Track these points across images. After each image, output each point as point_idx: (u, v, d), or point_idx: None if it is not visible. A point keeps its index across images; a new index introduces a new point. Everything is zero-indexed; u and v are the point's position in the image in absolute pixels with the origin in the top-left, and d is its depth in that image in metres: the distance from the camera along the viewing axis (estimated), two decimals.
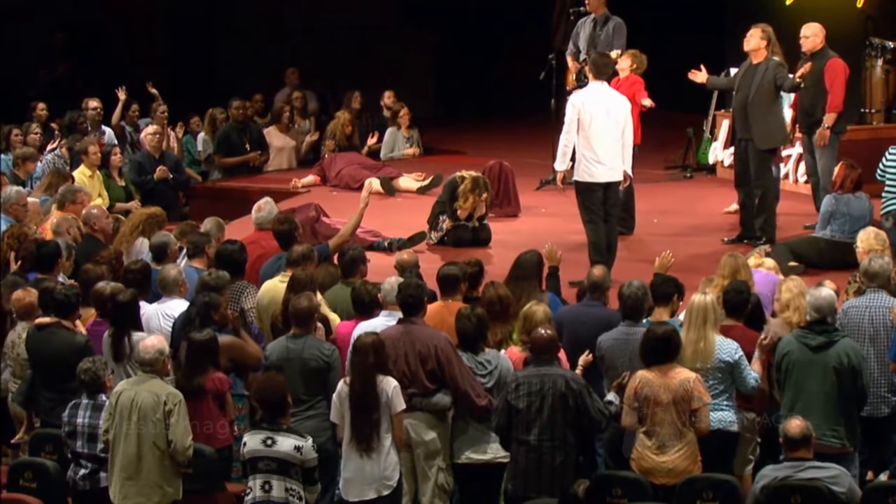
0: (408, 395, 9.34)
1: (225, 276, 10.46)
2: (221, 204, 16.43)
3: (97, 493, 9.31)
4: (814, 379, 9.39)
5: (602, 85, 12.57)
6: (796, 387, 9.43)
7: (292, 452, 8.87)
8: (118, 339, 9.95)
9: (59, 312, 10.13)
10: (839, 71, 13.70)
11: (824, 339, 9.43)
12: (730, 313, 9.84)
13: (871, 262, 10.23)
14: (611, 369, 9.61)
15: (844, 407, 9.43)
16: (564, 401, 9.04)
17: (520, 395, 9.11)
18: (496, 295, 10.04)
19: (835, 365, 9.38)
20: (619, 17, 15.02)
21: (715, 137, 17.00)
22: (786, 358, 9.48)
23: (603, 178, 12.45)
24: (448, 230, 14.20)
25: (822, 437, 9.27)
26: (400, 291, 9.71)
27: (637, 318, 9.71)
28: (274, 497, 8.89)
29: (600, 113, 12.39)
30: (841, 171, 12.80)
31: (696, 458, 9.19)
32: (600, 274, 10.44)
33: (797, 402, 9.41)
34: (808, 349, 9.43)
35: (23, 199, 12.84)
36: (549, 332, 9.27)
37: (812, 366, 9.40)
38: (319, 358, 9.53)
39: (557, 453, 9.06)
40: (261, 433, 8.94)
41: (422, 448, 9.49)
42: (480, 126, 20.89)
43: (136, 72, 18.55)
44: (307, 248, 10.90)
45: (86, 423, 9.30)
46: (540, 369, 9.17)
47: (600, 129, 12.37)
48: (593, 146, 12.38)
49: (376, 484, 9.13)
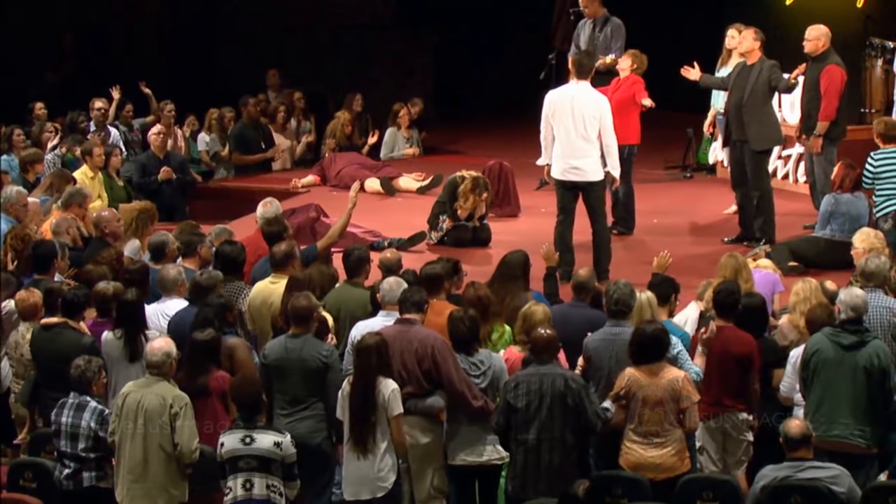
0: (404, 395, 9.34)
1: (217, 276, 10.47)
2: (222, 204, 16.46)
3: (81, 494, 9.30)
4: (844, 378, 9.34)
5: (579, 84, 12.59)
6: (824, 386, 9.37)
7: (272, 448, 8.87)
8: (133, 339, 9.94)
9: (66, 312, 10.14)
10: (835, 78, 13.61)
11: (857, 338, 9.39)
12: (721, 313, 9.82)
13: (868, 262, 10.24)
14: (597, 370, 9.61)
15: (872, 408, 9.39)
16: (563, 400, 9.04)
17: (519, 394, 9.11)
18: (475, 296, 10.03)
19: (865, 365, 9.34)
20: (619, 18, 15.02)
21: (715, 137, 17.00)
22: (815, 356, 9.40)
23: (570, 177, 12.54)
24: (448, 230, 14.21)
25: (850, 436, 9.28)
26: (401, 292, 9.73)
27: (622, 317, 9.70)
28: (255, 495, 8.88)
29: (566, 111, 12.46)
30: (840, 171, 12.81)
31: (685, 454, 9.21)
32: (586, 274, 10.46)
33: (825, 401, 9.36)
34: (841, 348, 9.37)
35: (23, 199, 12.83)
36: (548, 331, 9.27)
37: (843, 365, 9.35)
38: (318, 358, 9.50)
39: (556, 453, 9.06)
40: (238, 432, 8.93)
41: (417, 450, 9.48)
42: (480, 126, 20.88)
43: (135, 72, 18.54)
44: (289, 247, 10.83)
45: (68, 422, 9.29)
46: (540, 369, 9.17)
47: (565, 128, 12.47)
48: (562, 145, 12.50)
49: (371, 485, 9.13)
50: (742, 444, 9.70)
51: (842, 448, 9.12)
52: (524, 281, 10.70)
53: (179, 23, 22.06)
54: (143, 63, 20.20)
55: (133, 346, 9.91)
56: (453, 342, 9.56)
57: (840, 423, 9.20)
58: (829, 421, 9.33)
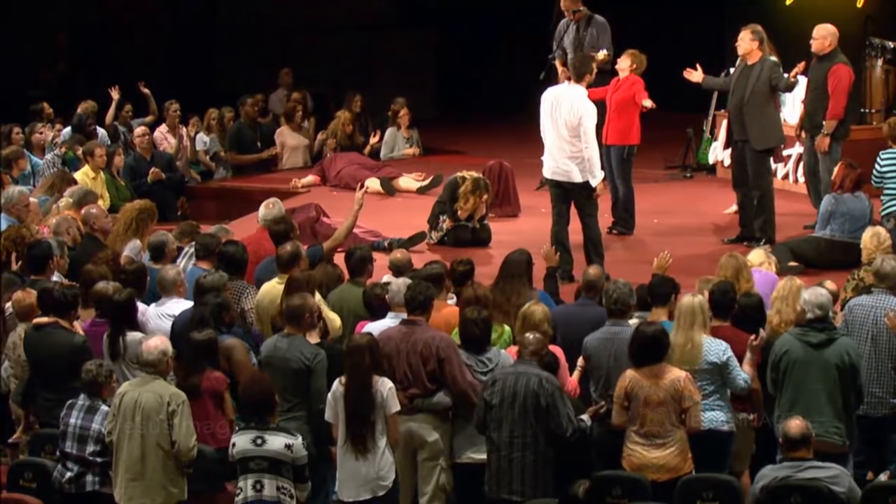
0: (409, 395, 9.35)
1: (223, 277, 10.46)
2: (222, 203, 16.47)
3: (83, 497, 9.29)
4: (815, 377, 9.35)
5: (570, 87, 12.66)
6: (796, 385, 9.39)
7: (283, 450, 8.86)
8: (114, 338, 9.96)
9: (56, 312, 10.12)
10: (843, 77, 13.63)
11: (825, 336, 9.40)
12: (717, 314, 9.82)
13: (884, 263, 10.17)
14: (595, 369, 9.61)
15: (845, 405, 9.40)
16: (536, 399, 9.01)
17: (495, 391, 9.11)
18: (474, 295, 10.02)
19: (836, 363, 9.35)
20: (602, 17, 15.02)
21: (715, 137, 17.00)
22: (785, 356, 9.42)
23: (555, 176, 12.70)
24: (448, 230, 14.22)
25: (825, 434, 9.26)
26: (407, 291, 9.72)
27: (621, 316, 9.69)
28: (266, 496, 8.88)
29: (548, 111, 12.56)
30: (840, 171, 12.81)
31: (687, 455, 9.18)
32: (596, 274, 10.46)
33: (798, 401, 9.36)
34: (810, 347, 9.38)
35: (25, 199, 12.82)
36: (537, 336, 9.26)
37: (813, 364, 9.36)
38: (301, 360, 9.43)
39: (528, 452, 9.02)
40: (250, 433, 8.93)
41: (426, 449, 9.48)
42: (480, 126, 20.87)
43: (135, 72, 18.55)
44: (295, 248, 10.79)
45: (78, 423, 9.28)
46: (518, 367, 9.19)
47: (546, 127, 12.62)
48: (546, 143, 12.65)
49: (371, 484, 9.11)
50: (745, 445, 9.69)
51: (819, 447, 9.04)
52: (528, 279, 10.69)
53: (179, 23, 22.06)
54: (143, 63, 20.20)
55: (113, 345, 9.92)
56: (465, 342, 9.56)
57: (815, 421, 9.12)
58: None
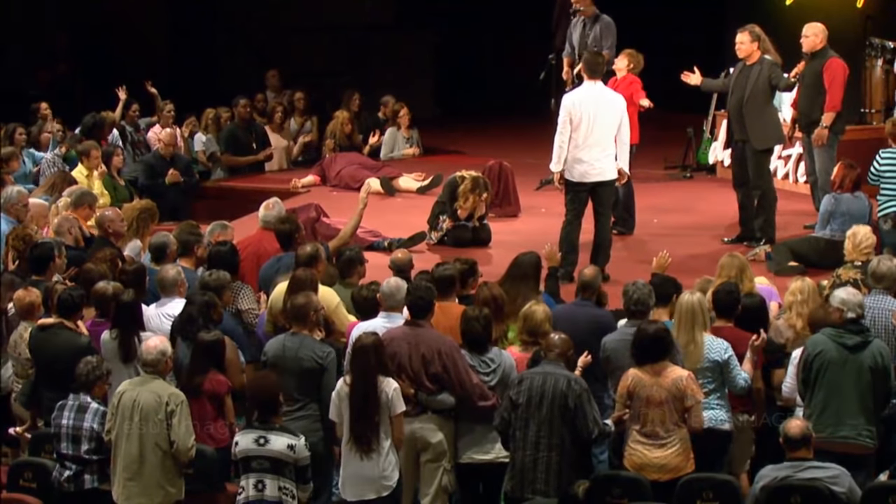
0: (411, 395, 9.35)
1: (226, 277, 10.46)
2: (221, 204, 16.45)
3: (82, 495, 9.30)
4: (849, 379, 9.32)
5: (596, 84, 12.59)
6: (829, 387, 9.33)
7: (285, 451, 8.86)
8: (126, 341, 9.92)
9: (61, 313, 10.13)
10: (838, 71, 13.68)
11: (860, 338, 9.37)
12: (720, 313, 9.82)
13: (880, 264, 10.20)
14: (616, 370, 9.57)
15: (875, 407, 9.40)
16: (564, 400, 9.02)
17: (521, 390, 9.11)
18: (490, 295, 10.02)
19: (870, 365, 9.33)
20: (609, 16, 15.02)
21: (715, 137, 17.00)
22: (818, 357, 9.37)
23: (590, 178, 12.50)
24: (448, 230, 14.21)
25: (857, 437, 9.28)
26: (409, 293, 9.69)
27: (641, 317, 9.67)
28: (267, 496, 8.88)
29: (593, 113, 12.40)
30: (840, 171, 12.81)
31: (689, 454, 9.18)
32: (591, 274, 10.46)
33: (830, 403, 9.32)
34: (845, 349, 9.35)
35: (24, 200, 12.82)
36: (562, 336, 9.25)
37: (847, 366, 9.33)
38: (313, 359, 9.48)
39: (554, 452, 9.03)
40: (253, 432, 8.93)
41: (429, 451, 9.49)
42: (480, 126, 20.87)
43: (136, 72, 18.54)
44: (314, 249, 10.78)
45: (70, 424, 9.29)
46: (545, 367, 9.16)
47: (592, 130, 12.40)
48: (584, 147, 12.42)
49: (375, 484, 9.11)
50: (745, 444, 9.69)
51: (849, 449, 9.10)
52: (535, 282, 10.69)
53: (179, 23, 22.06)
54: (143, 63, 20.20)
55: (127, 347, 9.89)
56: (466, 341, 9.55)
57: (848, 423, 9.18)
58: (837, 422, 9.30)
